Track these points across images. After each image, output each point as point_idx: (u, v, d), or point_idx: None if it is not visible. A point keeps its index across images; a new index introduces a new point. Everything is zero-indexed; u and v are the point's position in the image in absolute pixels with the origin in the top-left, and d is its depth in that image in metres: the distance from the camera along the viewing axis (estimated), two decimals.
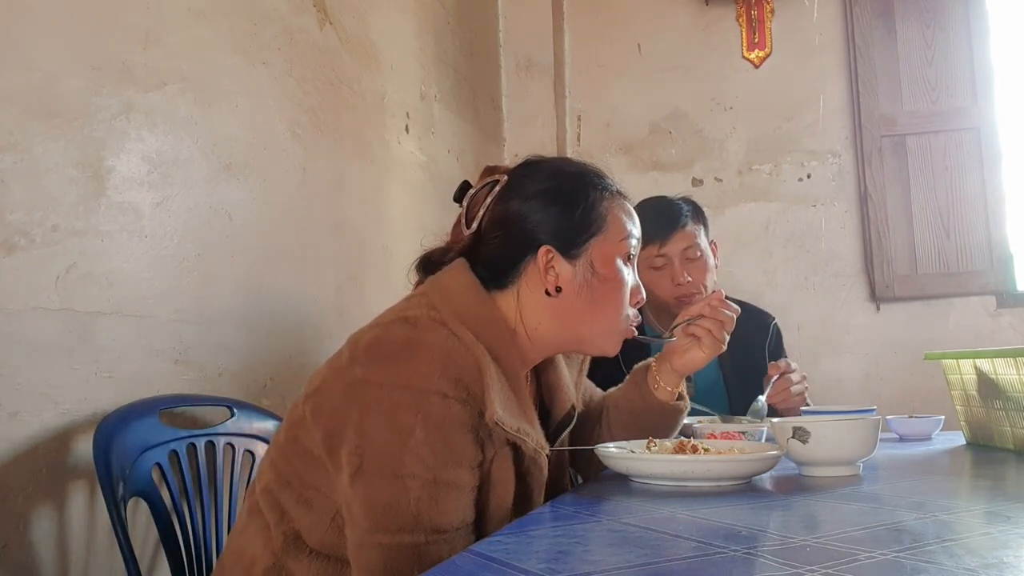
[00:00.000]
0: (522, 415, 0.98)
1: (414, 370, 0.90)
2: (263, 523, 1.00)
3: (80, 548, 1.22)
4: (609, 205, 1.09)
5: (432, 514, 0.87)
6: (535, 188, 1.08)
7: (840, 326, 2.92)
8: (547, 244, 1.05)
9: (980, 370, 1.37)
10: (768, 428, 1.26)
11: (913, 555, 0.61)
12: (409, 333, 0.93)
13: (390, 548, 0.86)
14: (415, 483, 0.87)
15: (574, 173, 1.11)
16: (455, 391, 0.89)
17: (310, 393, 0.99)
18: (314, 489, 0.96)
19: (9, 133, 1.15)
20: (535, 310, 1.06)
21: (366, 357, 0.93)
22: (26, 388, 1.16)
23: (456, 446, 0.90)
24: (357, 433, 0.89)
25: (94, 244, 1.27)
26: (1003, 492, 0.97)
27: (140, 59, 1.38)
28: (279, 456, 1.01)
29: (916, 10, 2.92)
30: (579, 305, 1.06)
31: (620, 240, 1.08)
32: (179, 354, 1.43)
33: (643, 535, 0.72)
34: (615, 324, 1.10)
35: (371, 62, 2.16)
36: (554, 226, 1.06)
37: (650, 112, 3.18)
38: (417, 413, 0.88)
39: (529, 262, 1.06)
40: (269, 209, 1.69)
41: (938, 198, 2.85)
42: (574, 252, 1.06)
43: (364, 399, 0.90)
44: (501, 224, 1.08)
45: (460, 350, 0.92)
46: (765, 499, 0.91)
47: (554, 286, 1.05)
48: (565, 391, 1.18)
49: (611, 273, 1.07)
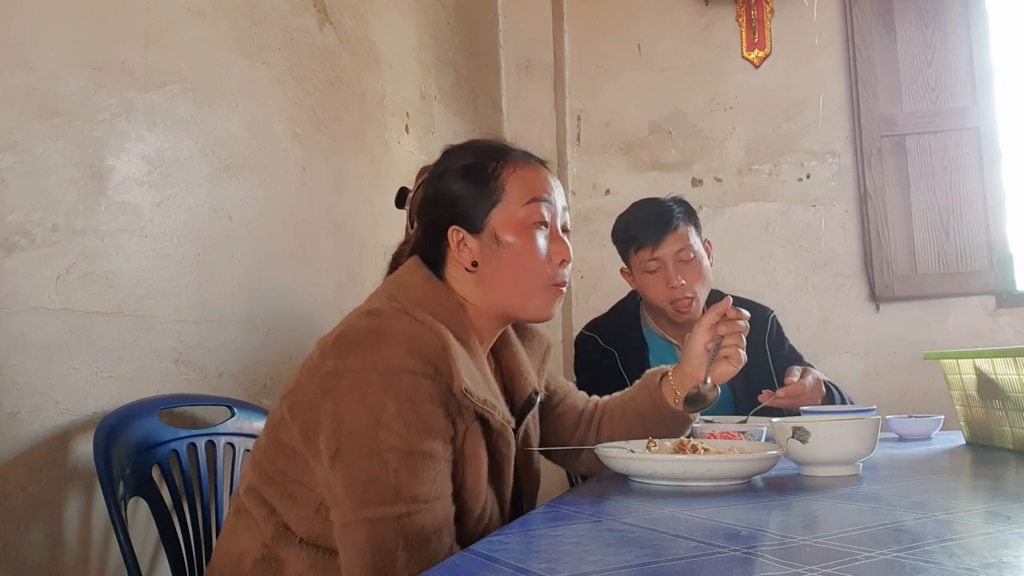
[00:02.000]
0: (488, 390, 1.02)
1: (382, 354, 0.93)
2: (251, 520, 1.03)
3: (80, 548, 1.22)
4: (508, 173, 1.10)
5: (411, 484, 0.90)
6: (443, 169, 1.13)
7: (840, 326, 2.92)
8: (454, 224, 1.09)
9: (980, 370, 1.38)
10: (768, 428, 1.26)
11: (913, 555, 0.61)
12: (372, 323, 0.97)
13: (374, 522, 0.89)
14: (391, 455, 0.90)
15: (479, 149, 1.14)
16: (423, 368, 0.93)
17: (286, 394, 1.03)
18: (297, 483, 0.99)
19: (9, 133, 1.15)
20: (467, 286, 1.10)
21: (335, 350, 0.96)
22: (26, 388, 1.16)
23: (428, 418, 0.93)
24: (333, 419, 0.93)
25: (94, 244, 1.27)
26: (1002, 492, 0.97)
27: (140, 59, 1.38)
28: (262, 457, 1.04)
29: (916, 10, 2.92)
30: (495, 275, 1.08)
31: (522, 205, 1.09)
32: (179, 354, 1.43)
33: (643, 535, 0.72)
34: (534, 287, 1.10)
35: (371, 62, 2.16)
36: (457, 206, 1.10)
37: (650, 112, 3.18)
38: (387, 391, 0.91)
39: (446, 244, 1.10)
40: (269, 209, 1.69)
41: (938, 198, 2.85)
42: (478, 226, 1.09)
43: (337, 388, 0.94)
44: (419, 215, 1.15)
45: (424, 332, 0.95)
46: (765, 499, 0.91)
47: (470, 262, 1.09)
48: (525, 376, 1.19)
49: (514, 239, 1.08)
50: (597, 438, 1.29)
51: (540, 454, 1.23)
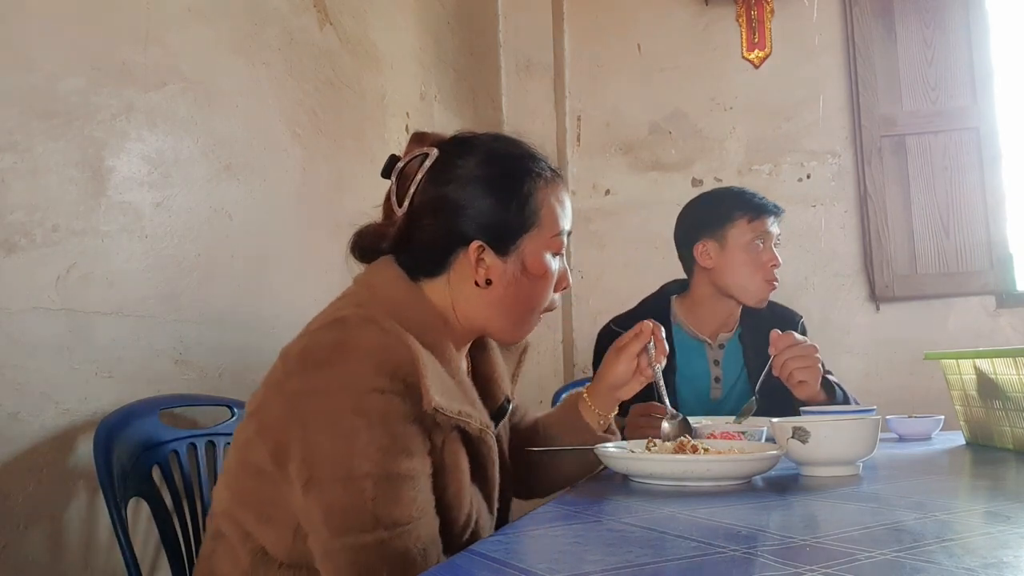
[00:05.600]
0: (463, 398, 0.99)
1: (348, 372, 0.89)
2: (228, 545, 0.99)
3: (80, 548, 1.22)
4: (544, 195, 1.07)
5: (390, 509, 0.87)
6: (468, 173, 1.05)
7: (840, 326, 2.92)
8: (479, 239, 1.04)
9: (980, 370, 1.38)
10: (768, 428, 1.26)
11: (913, 555, 0.61)
12: (337, 336, 0.92)
13: (355, 550, 0.86)
14: (368, 482, 0.86)
15: (509, 157, 1.08)
16: (392, 385, 0.89)
17: (252, 412, 0.98)
18: (272, 505, 0.95)
19: (9, 133, 1.15)
20: (465, 298, 1.05)
21: (299, 367, 0.92)
22: (26, 388, 1.16)
23: (402, 438, 0.89)
24: (303, 445, 0.89)
25: (94, 244, 1.27)
26: (1002, 492, 0.97)
27: (140, 59, 1.38)
28: (232, 479, 1.00)
29: (916, 10, 2.92)
30: (507, 299, 1.06)
31: (552, 236, 1.07)
32: (179, 354, 1.43)
33: (643, 535, 0.72)
34: (536, 315, 1.11)
35: (371, 62, 2.16)
36: (487, 220, 1.04)
37: (650, 112, 3.18)
38: (358, 414, 0.87)
39: (460, 254, 1.05)
40: (269, 209, 1.69)
41: (938, 198, 2.85)
42: (506, 248, 1.05)
43: (304, 410, 0.90)
44: (432, 211, 1.05)
45: (391, 344, 0.91)
46: (765, 499, 0.91)
47: (484, 279, 1.04)
48: (499, 383, 1.18)
49: (541, 270, 1.07)
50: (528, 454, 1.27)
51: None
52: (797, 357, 1.53)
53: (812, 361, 1.53)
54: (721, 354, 1.84)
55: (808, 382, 1.53)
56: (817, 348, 1.57)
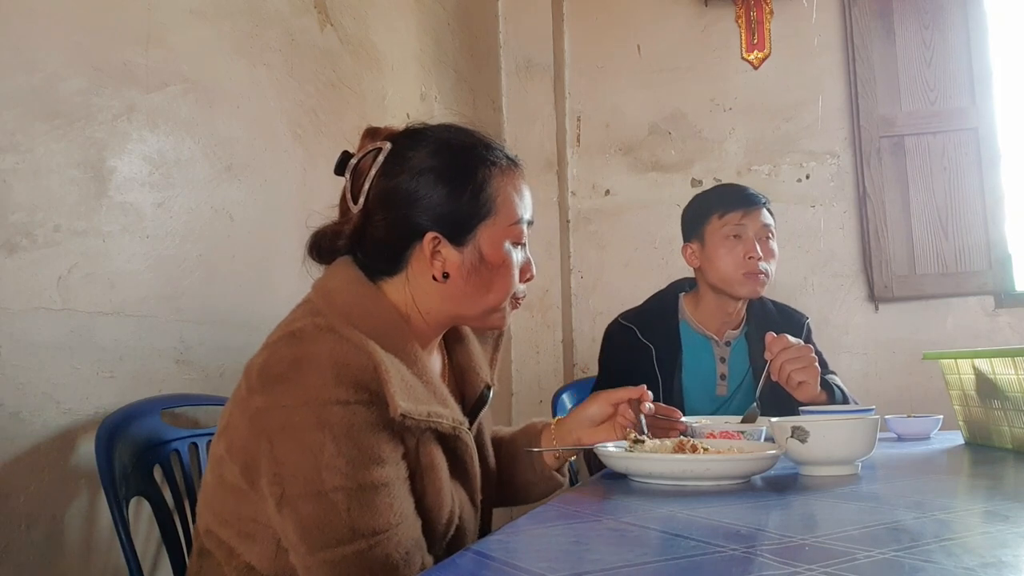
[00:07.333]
0: (432, 397, 0.97)
1: (308, 385, 0.88)
2: (214, 562, 0.99)
3: (82, 548, 1.22)
4: (499, 184, 1.04)
5: (366, 519, 0.86)
6: (420, 164, 1.03)
7: (839, 326, 2.92)
8: (433, 231, 1.01)
9: (978, 370, 1.38)
10: (768, 428, 1.27)
11: (912, 554, 0.61)
12: (295, 349, 0.91)
13: (335, 563, 0.85)
14: (339, 495, 0.86)
15: (462, 146, 1.06)
16: (355, 395, 0.88)
17: (222, 430, 0.98)
18: (252, 521, 0.95)
19: (11, 134, 1.15)
20: (425, 294, 1.03)
21: (260, 384, 0.91)
22: (28, 388, 1.16)
23: (370, 448, 0.88)
24: (271, 462, 0.88)
25: (96, 244, 1.28)
26: (1001, 491, 0.97)
27: (142, 60, 1.39)
28: (211, 497, 1.00)
29: (915, 11, 2.93)
30: (467, 290, 1.03)
31: (510, 225, 1.05)
32: (180, 354, 1.43)
33: (643, 535, 0.73)
34: (502, 303, 1.07)
35: (371, 63, 2.16)
36: (440, 210, 1.01)
37: (650, 113, 3.18)
38: (321, 428, 0.86)
39: (416, 248, 1.03)
40: (270, 209, 1.69)
41: (936, 199, 2.85)
42: (461, 239, 1.02)
43: (268, 427, 0.89)
44: (385, 204, 1.03)
45: (351, 352, 0.89)
46: (764, 498, 0.91)
47: (441, 272, 1.02)
48: (476, 372, 1.16)
49: (499, 258, 1.04)
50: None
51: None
52: (793, 359, 1.54)
53: (808, 361, 1.54)
54: (728, 352, 1.84)
55: (808, 382, 1.54)
56: (812, 349, 1.58)
